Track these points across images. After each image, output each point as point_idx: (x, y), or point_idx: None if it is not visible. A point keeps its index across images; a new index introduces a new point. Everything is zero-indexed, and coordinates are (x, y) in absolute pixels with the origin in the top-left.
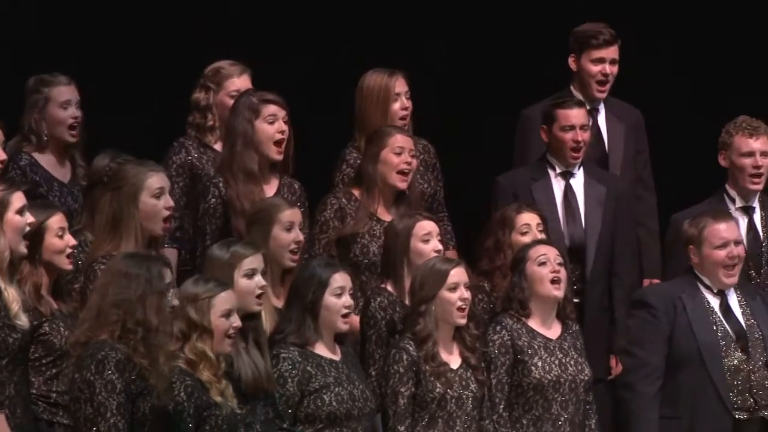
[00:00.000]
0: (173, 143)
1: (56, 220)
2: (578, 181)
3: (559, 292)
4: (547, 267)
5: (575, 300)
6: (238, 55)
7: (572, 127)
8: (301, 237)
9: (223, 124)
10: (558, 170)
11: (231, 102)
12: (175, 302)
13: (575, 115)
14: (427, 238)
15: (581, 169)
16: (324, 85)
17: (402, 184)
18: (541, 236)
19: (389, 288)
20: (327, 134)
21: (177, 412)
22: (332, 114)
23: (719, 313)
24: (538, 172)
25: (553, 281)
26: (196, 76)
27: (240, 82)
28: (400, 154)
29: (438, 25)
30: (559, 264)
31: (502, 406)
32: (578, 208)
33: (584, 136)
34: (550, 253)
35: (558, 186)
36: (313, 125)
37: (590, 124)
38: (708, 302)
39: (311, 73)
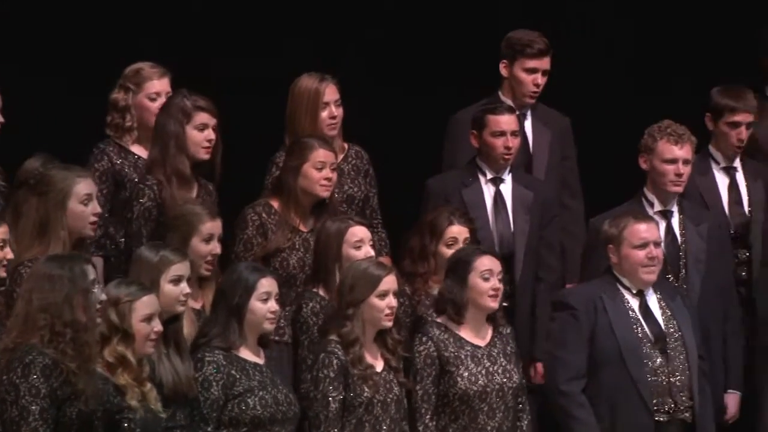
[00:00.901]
0: (93, 150)
1: None
2: (507, 187)
3: (495, 304)
4: (489, 282)
5: (504, 304)
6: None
7: (503, 133)
8: (218, 249)
9: (141, 125)
10: (489, 176)
11: (149, 104)
12: (103, 297)
13: (506, 121)
14: (359, 244)
15: (510, 174)
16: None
17: (325, 193)
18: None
19: (321, 292)
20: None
21: (89, 416)
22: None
23: (639, 315)
24: (468, 176)
25: (491, 296)
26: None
27: (159, 84)
28: (321, 169)
29: (370, 28)
30: (500, 279)
31: (428, 417)
32: (507, 214)
33: (514, 142)
34: (495, 267)
35: (488, 191)
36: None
37: (519, 129)
38: (627, 303)
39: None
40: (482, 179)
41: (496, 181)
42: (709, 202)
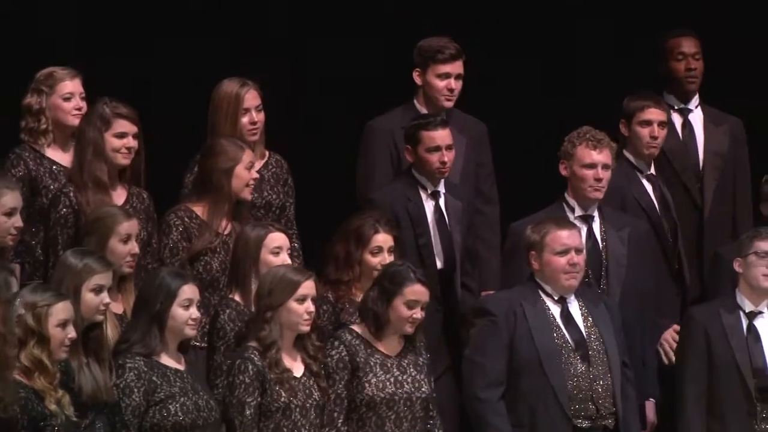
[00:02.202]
0: (9, 155)
1: None
2: (443, 200)
3: (411, 330)
4: (412, 310)
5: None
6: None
7: (438, 148)
8: (137, 249)
9: (56, 127)
10: (429, 190)
11: (64, 104)
12: (22, 311)
13: (440, 136)
14: (277, 250)
15: (443, 185)
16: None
17: (250, 195)
18: (391, 258)
19: (237, 298)
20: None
21: (11, 425)
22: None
23: (559, 321)
24: (410, 190)
25: (411, 323)
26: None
27: (72, 85)
28: (250, 170)
29: (285, 38)
30: (423, 308)
31: (340, 421)
32: (447, 228)
33: (449, 156)
34: (423, 298)
35: (429, 206)
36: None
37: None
38: (548, 309)
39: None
40: (423, 194)
41: (435, 195)
42: (647, 209)
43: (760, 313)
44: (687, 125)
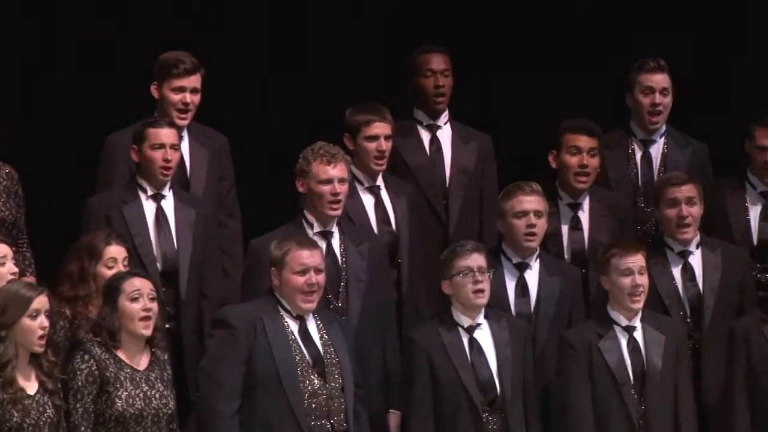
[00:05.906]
0: None
1: None
2: (169, 204)
3: (147, 331)
4: (139, 303)
5: (168, 326)
6: None
7: (162, 146)
8: None
9: None
10: (149, 192)
11: None
12: None
13: (165, 134)
14: (3, 261)
15: (171, 191)
16: None
17: None
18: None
19: None
20: None
21: None
22: None
23: (298, 338)
24: (129, 194)
25: (142, 318)
26: None
27: None
28: None
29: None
30: (152, 299)
31: None
32: (170, 231)
33: (174, 155)
34: (144, 288)
35: (149, 208)
36: None
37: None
38: (288, 326)
39: None
40: (143, 196)
41: (158, 198)
42: (357, 223)
43: (479, 325)
44: (435, 142)
